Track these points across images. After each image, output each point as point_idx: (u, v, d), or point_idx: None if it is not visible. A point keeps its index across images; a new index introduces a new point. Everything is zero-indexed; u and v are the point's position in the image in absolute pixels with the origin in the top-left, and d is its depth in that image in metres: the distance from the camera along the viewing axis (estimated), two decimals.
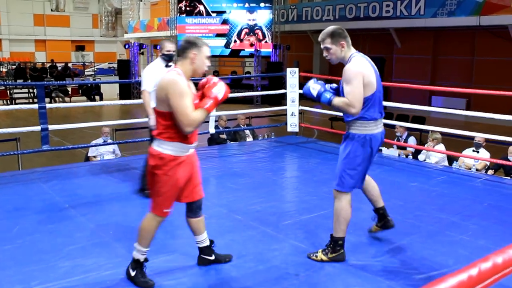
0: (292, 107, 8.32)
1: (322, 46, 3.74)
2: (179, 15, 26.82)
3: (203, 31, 26.30)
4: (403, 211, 4.86)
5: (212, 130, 8.02)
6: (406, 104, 7.65)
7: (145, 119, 7.79)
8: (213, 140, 9.11)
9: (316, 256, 3.72)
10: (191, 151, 3.24)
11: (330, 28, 3.75)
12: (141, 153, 8.30)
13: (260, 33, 25.52)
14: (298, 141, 8.35)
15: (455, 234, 4.27)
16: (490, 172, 7.55)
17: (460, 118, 15.88)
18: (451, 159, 8.00)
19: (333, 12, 23.26)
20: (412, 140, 8.51)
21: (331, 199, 4.49)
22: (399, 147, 8.53)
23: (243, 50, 25.99)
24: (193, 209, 3.46)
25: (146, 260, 3.32)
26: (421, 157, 8.21)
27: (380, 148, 8.68)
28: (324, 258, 3.69)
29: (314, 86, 3.70)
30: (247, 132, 9.74)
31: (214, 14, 26.20)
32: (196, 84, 3.28)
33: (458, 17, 18.37)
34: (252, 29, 25.65)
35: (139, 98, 6.14)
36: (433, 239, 4.16)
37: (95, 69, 35.03)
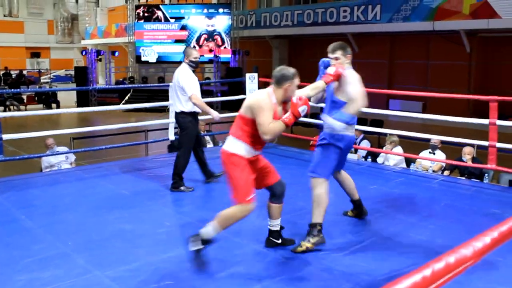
0: None
1: (332, 56, 4.32)
2: (137, 21, 26.57)
3: (161, 37, 26.14)
4: (366, 213, 4.92)
5: (171, 137, 7.96)
6: (364, 108, 7.75)
7: (104, 127, 7.68)
8: (174, 147, 9.02)
9: (301, 247, 3.91)
10: (256, 154, 3.79)
11: (341, 42, 4.40)
12: (100, 161, 8.18)
13: (219, 39, 25.52)
14: None
15: (414, 235, 4.35)
16: (446, 173, 7.75)
17: (416, 120, 16.24)
18: (408, 161, 8.17)
19: (292, 18, 23.47)
20: (365, 143, 8.64)
21: (292, 204, 4.54)
22: (354, 150, 8.66)
23: (202, 56, 25.91)
24: (276, 195, 3.92)
25: (207, 241, 3.61)
26: (379, 159, 8.35)
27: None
28: (309, 245, 3.90)
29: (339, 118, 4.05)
30: (208, 138, 9.70)
31: (172, 20, 26.08)
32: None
33: (413, 22, 18.84)
34: (211, 35, 25.64)
35: (98, 105, 6.10)
36: (392, 240, 4.23)
37: (52, 76, 34.35)
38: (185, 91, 5.68)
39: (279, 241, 4.00)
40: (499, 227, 1.40)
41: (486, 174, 7.24)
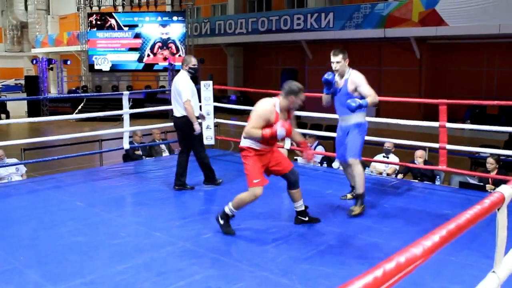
0: (207, 120, 8.30)
1: (334, 59, 5.23)
2: (90, 29, 26.14)
3: (115, 45, 25.81)
4: (321, 218, 4.97)
5: (126, 146, 7.85)
6: (319, 113, 7.86)
7: (57, 137, 7.51)
8: (128, 156, 8.91)
9: (354, 211, 4.97)
10: (267, 147, 4.50)
11: (342, 48, 5.37)
12: (52, 172, 7.97)
13: (173, 47, 25.38)
14: (215, 154, 8.34)
15: (369, 237, 4.42)
16: (400, 176, 7.91)
17: (370, 125, 16.54)
18: (363, 166, 8.29)
19: (246, 25, 23.59)
20: (320, 149, 8.73)
21: (250, 211, 4.54)
22: None
23: (157, 64, 25.74)
24: (291, 183, 4.64)
25: (233, 216, 4.49)
26: (335, 164, 8.44)
27: (296, 158, 8.91)
28: (359, 210, 5.00)
29: (355, 101, 4.94)
30: (163, 147, 9.61)
31: (126, 28, 25.78)
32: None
33: (365, 29, 19.25)
34: (165, 43, 25.47)
35: (50, 115, 6.00)
36: (349, 243, 4.29)
37: (0, 86, 33.33)
38: (181, 97, 5.93)
39: (306, 218, 4.76)
40: (447, 225, 1.44)
41: (437, 177, 7.43)
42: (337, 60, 5.19)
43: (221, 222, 4.51)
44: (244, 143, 4.49)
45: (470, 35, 17.20)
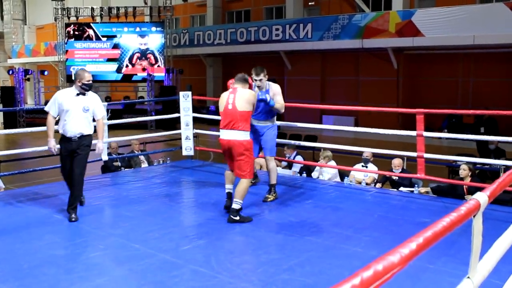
0: (187, 130, 8.28)
1: (258, 78, 5.94)
2: (68, 40, 25.95)
3: (93, 56, 25.66)
4: (300, 228, 4.98)
5: (105, 157, 7.78)
6: (298, 123, 7.90)
7: (34, 148, 7.41)
8: (107, 167, 8.84)
9: (268, 198, 5.99)
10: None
11: (261, 67, 6.07)
12: (29, 184, 7.85)
13: (152, 57, 25.32)
14: (194, 165, 8.32)
15: (349, 247, 4.44)
16: (378, 185, 7.98)
17: (349, 135, 16.69)
18: (343, 175, 8.35)
19: (225, 36, 23.67)
20: (299, 159, 8.76)
21: (229, 223, 4.51)
22: (289, 166, 8.79)
23: (136, 74, 25.64)
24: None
25: (241, 208, 5.12)
26: (314, 174, 8.49)
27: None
28: (272, 197, 6.02)
29: (266, 95, 5.86)
30: (142, 158, 9.55)
31: (104, 39, 25.66)
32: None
33: (343, 40, 19.47)
34: (144, 54, 25.39)
35: (26, 126, 5.98)
36: (329, 253, 4.30)
37: None
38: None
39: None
40: (424, 233, 1.46)
41: (416, 185, 7.51)
42: (260, 78, 5.94)
43: (237, 218, 5.04)
44: (246, 136, 5.17)
45: (446, 46, 17.53)
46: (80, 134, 5.32)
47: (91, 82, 5.41)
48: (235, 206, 5.07)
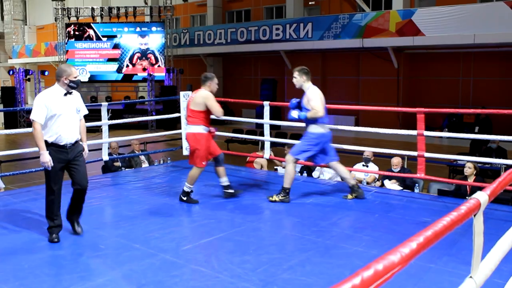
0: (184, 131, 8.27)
1: (293, 75, 5.97)
2: (68, 40, 25.95)
3: (93, 56, 25.66)
4: (301, 228, 4.99)
5: (105, 157, 7.78)
6: (298, 123, 7.89)
7: (34, 149, 7.40)
8: (107, 168, 8.84)
9: (272, 197, 5.89)
10: (210, 130, 5.92)
11: (301, 67, 6.01)
12: (30, 185, 7.86)
13: (152, 57, 25.31)
14: None
15: (350, 246, 4.44)
16: (378, 183, 7.98)
17: (349, 134, 16.68)
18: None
19: (225, 36, 23.66)
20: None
21: (230, 221, 4.53)
22: None
23: (136, 74, 25.63)
24: (219, 161, 6.08)
25: (191, 191, 5.93)
26: (315, 174, 8.49)
27: (276, 167, 8.93)
28: (276, 199, 5.87)
29: (293, 113, 5.97)
30: (143, 158, 9.55)
31: (104, 39, 25.65)
32: None
33: (343, 39, 19.46)
34: (144, 54, 25.39)
35: (27, 127, 5.83)
36: (329, 253, 4.30)
37: None
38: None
39: (232, 190, 6.15)
40: (424, 232, 1.45)
41: (416, 184, 7.50)
42: (294, 75, 5.98)
43: (185, 198, 5.89)
44: (196, 129, 5.82)
45: (446, 45, 17.51)
46: (75, 140, 4.75)
47: (78, 78, 4.71)
48: (185, 188, 5.91)
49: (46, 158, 4.50)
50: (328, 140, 6.03)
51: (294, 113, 5.92)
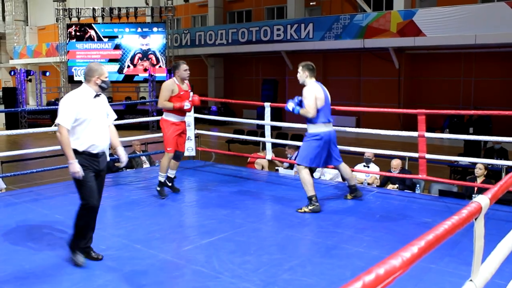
0: (188, 131, 8.26)
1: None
2: (69, 40, 25.97)
3: (94, 57, 25.67)
4: (302, 228, 4.99)
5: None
6: (299, 124, 7.89)
7: (36, 149, 7.41)
8: (109, 168, 8.82)
9: (301, 209, 5.54)
10: (182, 119, 6.24)
11: (306, 62, 5.91)
12: (31, 185, 7.86)
13: (153, 58, 25.32)
14: (196, 165, 8.32)
15: (350, 247, 4.44)
16: (377, 182, 7.99)
17: (350, 135, 16.67)
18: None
19: (226, 36, 23.67)
20: None
21: (231, 222, 4.53)
22: (291, 167, 8.79)
23: (137, 75, 25.65)
24: (179, 157, 6.37)
25: (168, 180, 6.30)
26: (316, 174, 8.48)
27: (277, 168, 8.93)
28: (306, 209, 5.51)
29: (289, 104, 5.82)
30: (144, 158, 9.55)
31: (106, 39, 25.67)
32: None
33: (344, 40, 19.45)
34: (145, 54, 25.41)
35: (28, 127, 5.81)
36: (330, 253, 4.30)
37: None
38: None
39: (170, 184, 6.40)
40: (426, 236, 1.45)
41: (417, 185, 7.50)
42: (298, 71, 5.88)
43: (158, 189, 6.20)
44: (164, 116, 6.17)
45: (447, 45, 17.50)
46: (107, 147, 4.37)
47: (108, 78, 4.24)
48: (159, 178, 6.24)
49: (77, 168, 3.95)
50: (330, 140, 5.77)
51: (290, 105, 5.79)
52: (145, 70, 24.90)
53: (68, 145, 3.95)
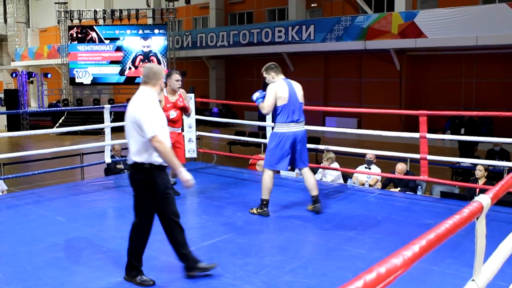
0: (190, 133, 8.29)
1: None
2: (71, 42, 26.01)
3: (96, 58, 25.72)
4: (303, 230, 4.98)
5: (108, 159, 7.79)
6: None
7: (37, 151, 7.41)
8: (110, 170, 8.85)
9: (252, 209, 5.49)
10: (171, 130, 5.43)
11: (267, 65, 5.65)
12: (33, 187, 7.87)
13: (155, 60, 25.36)
14: (197, 167, 8.32)
15: (352, 249, 4.43)
16: (379, 185, 7.98)
17: (352, 137, 16.67)
18: (346, 177, 8.34)
19: (228, 38, 23.67)
20: None
21: (232, 224, 4.52)
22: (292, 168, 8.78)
23: (139, 77, 25.57)
24: None
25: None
26: (317, 176, 8.47)
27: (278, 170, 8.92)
28: (255, 211, 5.46)
29: (255, 94, 5.57)
30: None
31: (107, 41, 25.71)
32: None
33: (345, 41, 19.44)
34: (147, 56, 25.44)
35: (30, 129, 5.81)
36: (331, 255, 4.29)
37: None
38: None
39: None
40: (427, 235, 1.45)
41: (419, 187, 7.49)
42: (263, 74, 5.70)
43: None
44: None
45: (449, 47, 17.49)
46: None
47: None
48: None
49: (187, 176, 3.68)
50: (295, 141, 5.48)
51: (255, 95, 5.55)
52: None
53: (171, 152, 3.67)
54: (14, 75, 25.80)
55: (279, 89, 5.39)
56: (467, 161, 7.41)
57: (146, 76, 3.72)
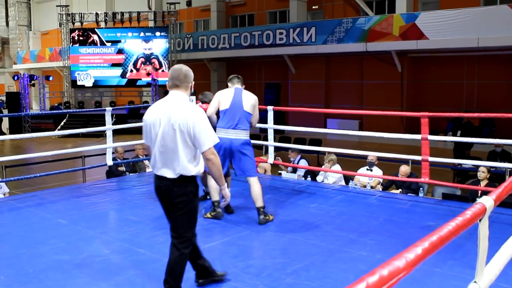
0: None
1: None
2: (72, 45, 26.05)
3: (97, 61, 25.75)
4: (305, 232, 4.98)
5: (109, 162, 7.79)
6: (302, 128, 7.90)
7: (39, 154, 7.41)
8: (112, 172, 8.85)
9: (206, 214, 5.41)
10: None
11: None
12: (35, 189, 7.87)
13: (156, 62, 25.37)
14: None
15: (354, 251, 4.43)
16: (380, 187, 7.96)
17: (353, 138, 16.65)
18: (347, 179, 8.33)
19: (229, 40, 23.67)
20: (304, 163, 8.76)
21: (234, 227, 4.52)
22: (294, 170, 8.78)
23: (140, 79, 25.70)
24: None
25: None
26: (319, 178, 8.48)
27: (280, 172, 8.92)
28: (209, 215, 5.39)
29: None
30: (147, 162, 9.55)
31: (108, 44, 25.74)
32: None
33: (347, 43, 19.44)
34: (148, 58, 25.46)
35: (32, 131, 5.81)
36: (333, 257, 4.29)
37: None
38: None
39: None
40: (430, 237, 1.45)
41: (421, 188, 7.48)
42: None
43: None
44: None
45: (450, 49, 17.48)
46: None
47: None
48: None
49: (229, 194, 3.53)
50: (231, 149, 5.38)
51: None
52: (148, 74, 24.95)
53: (221, 170, 3.39)
54: (16, 77, 25.82)
55: (224, 95, 5.61)
56: (469, 162, 7.39)
57: (177, 78, 3.42)
